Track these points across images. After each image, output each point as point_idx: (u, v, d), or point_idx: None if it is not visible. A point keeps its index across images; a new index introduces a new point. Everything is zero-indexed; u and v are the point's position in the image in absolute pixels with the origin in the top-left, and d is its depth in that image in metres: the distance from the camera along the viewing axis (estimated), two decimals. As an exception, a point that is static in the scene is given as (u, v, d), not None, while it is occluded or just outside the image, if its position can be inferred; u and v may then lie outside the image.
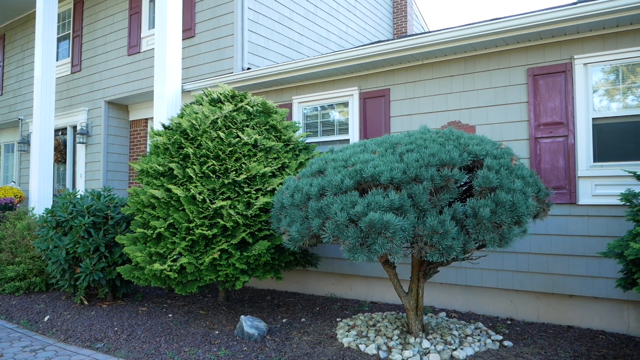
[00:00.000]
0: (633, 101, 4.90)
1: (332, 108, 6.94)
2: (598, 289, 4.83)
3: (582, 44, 5.08)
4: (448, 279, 5.64)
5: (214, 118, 5.25)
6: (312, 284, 6.80)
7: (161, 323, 5.23)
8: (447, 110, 5.85)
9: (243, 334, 4.63)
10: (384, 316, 5.15)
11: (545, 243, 5.12)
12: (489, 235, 3.42)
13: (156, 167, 5.19)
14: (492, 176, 3.51)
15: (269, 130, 5.60)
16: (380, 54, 6.01)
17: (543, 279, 5.12)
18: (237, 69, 7.82)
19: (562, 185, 5.06)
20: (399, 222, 3.28)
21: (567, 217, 5.02)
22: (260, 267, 5.08)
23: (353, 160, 3.87)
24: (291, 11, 9.11)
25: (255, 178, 5.07)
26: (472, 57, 5.73)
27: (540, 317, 5.20)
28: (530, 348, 4.29)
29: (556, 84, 5.17)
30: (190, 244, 4.92)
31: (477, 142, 3.97)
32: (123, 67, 9.63)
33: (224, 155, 5.04)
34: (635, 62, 4.86)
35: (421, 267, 4.34)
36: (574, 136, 5.04)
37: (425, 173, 3.52)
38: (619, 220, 4.73)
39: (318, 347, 4.36)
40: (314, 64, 6.51)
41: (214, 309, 5.83)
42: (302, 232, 3.77)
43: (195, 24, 8.52)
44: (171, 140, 5.30)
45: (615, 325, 4.82)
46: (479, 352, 4.16)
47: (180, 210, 5.01)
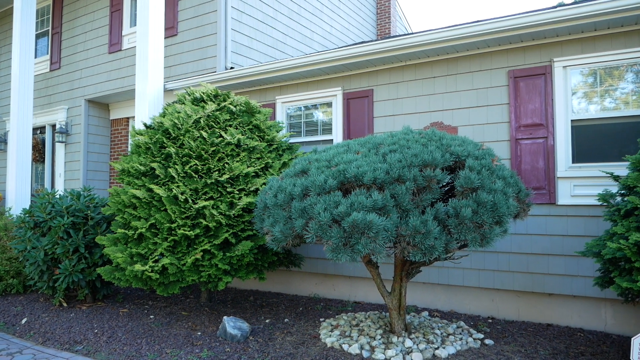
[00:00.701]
0: (610, 103, 5.01)
1: (316, 108, 6.94)
2: (576, 288, 4.93)
3: (561, 47, 5.17)
4: (430, 279, 5.69)
5: (197, 117, 5.20)
6: (295, 284, 6.79)
7: (142, 324, 5.17)
8: (429, 111, 5.90)
9: (226, 334, 4.60)
10: (367, 316, 5.17)
11: (525, 243, 5.20)
12: (471, 235, 3.46)
13: (137, 167, 5.13)
14: (474, 177, 3.54)
15: (252, 130, 5.57)
16: (363, 55, 6.04)
17: (523, 278, 5.20)
18: (220, 68, 7.77)
19: (542, 186, 5.14)
20: (381, 222, 3.29)
21: (547, 217, 5.11)
22: (243, 267, 5.05)
23: (336, 161, 3.87)
24: (275, 11, 9.09)
25: (238, 178, 5.05)
26: (454, 59, 5.79)
27: (520, 316, 5.28)
28: (510, 346, 4.35)
29: (536, 86, 5.25)
30: (172, 245, 4.87)
31: (459, 143, 4.01)
32: (104, 65, 9.49)
33: (206, 155, 5.01)
34: (612, 65, 4.97)
35: (404, 266, 4.37)
36: (554, 137, 5.13)
37: (408, 173, 3.54)
38: (597, 220, 4.83)
39: (301, 347, 4.35)
40: (298, 64, 6.50)
41: (196, 310, 5.79)
42: (285, 232, 3.76)
43: (178, 22, 8.44)
44: (153, 139, 5.24)
45: (593, 323, 4.91)
46: (461, 350, 4.20)
47: (162, 210, 4.96)
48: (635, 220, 3.61)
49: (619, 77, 4.98)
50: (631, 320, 4.72)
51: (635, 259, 3.45)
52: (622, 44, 4.88)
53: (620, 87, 4.98)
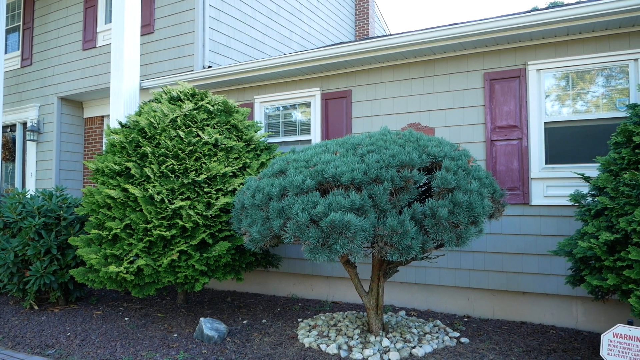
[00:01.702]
0: (582, 106, 5.14)
1: (295, 108, 6.93)
2: (549, 286, 5.04)
3: (535, 51, 5.28)
4: (408, 278, 5.74)
5: (174, 116, 5.14)
6: (273, 284, 6.77)
7: (117, 327, 5.07)
8: (407, 112, 5.95)
9: (202, 336, 4.55)
10: (345, 316, 5.18)
11: (500, 242, 5.29)
12: (447, 235, 3.50)
13: (112, 166, 5.03)
14: (450, 177, 3.59)
15: (230, 129, 5.53)
16: (342, 56, 6.05)
17: (498, 277, 5.29)
18: (197, 67, 7.69)
19: (516, 187, 5.24)
20: (359, 222, 3.31)
21: (521, 217, 5.21)
22: (221, 268, 5.01)
23: (315, 161, 3.87)
24: (254, 10, 9.04)
25: (215, 178, 5.00)
26: (431, 61, 5.86)
27: (495, 314, 5.37)
28: (485, 344, 4.42)
29: (511, 89, 5.35)
30: (148, 245, 4.79)
31: (436, 144, 4.05)
32: (78, 62, 9.28)
33: (183, 154, 4.95)
34: (583, 69, 5.10)
35: (381, 266, 4.39)
36: (528, 139, 5.23)
37: (386, 174, 3.57)
38: (569, 220, 4.94)
39: (279, 348, 4.34)
40: (277, 64, 6.48)
41: (172, 311, 5.71)
42: (263, 232, 3.74)
43: (155, 20, 8.31)
44: (128, 138, 5.15)
45: (565, 320, 5.03)
46: (437, 349, 4.25)
47: (138, 210, 4.88)
48: (605, 220, 3.71)
49: (590, 80, 5.12)
50: (601, 317, 4.85)
51: (605, 257, 3.54)
52: (593, 48, 5.01)
53: (591, 91, 5.11)
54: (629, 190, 3.53)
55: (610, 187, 3.69)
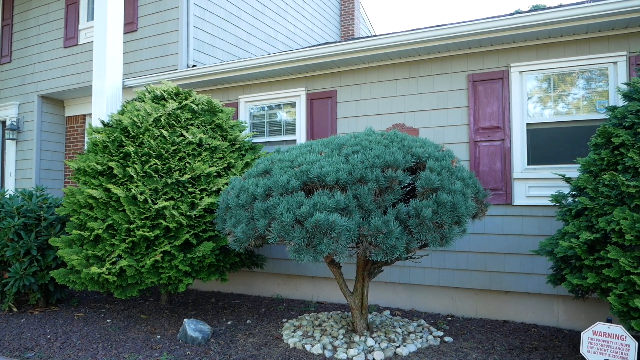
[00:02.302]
0: (563, 108, 5.22)
1: (279, 108, 6.92)
2: (531, 285, 5.11)
3: (518, 53, 5.35)
4: (392, 278, 5.77)
5: (157, 116, 5.08)
6: (258, 285, 6.74)
7: (99, 329, 5.00)
8: (392, 112, 5.98)
9: (186, 337, 4.51)
10: (330, 316, 5.19)
11: (483, 242, 5.35)
12: (431, 235, 3.53)
13: (94, 166, 4.96)
14: (434, 178, 3.61)
15: (215, 129, 5.49)
16: (327, 56, 6.06)
17: (481, 276, 5.35)
18: (182, 66, 7.62)
19: (499, 187, 5.30)
20: (344, 222, 3.31)
21: (504, 217, 5.27)
22: (205, 268, 4.97)
23: (299, 161, 3.87)
24: (239, 9, 9.00)
25: (199, 178, 4.97)
26: (416, 62, 5.89)
27: (478, 313, 5.43)
28: (469, 343, 4.46)
29: (494, 90, 5.41)
30: (131, 246, 4.74)
31: (420, 144, 4.08)
32: (59, 60, 9.12)
33: (167, 154, 4.90)
34: (565, 71, 5.18)
35: (366, 266, 4.41)
36: (510, 140, 5.30)
37: (371, 174, 3.58)
38: (550, 220, 5.02)
39: (264, 348, 4.32)
40: (262, 64, 6.45)
41: (155, 312, 5.65)
42: (248, 232, 3.73)
43: (138, 18, 8.22)
44: (111, 137, 5.08)
45: (547, 319, 5.11)
46: (421, 348, 4.28)
47: (120, 210, 4.82)
48: (585, 220, 3.77)
49: (571, 83, 5.20)
50: (581, 316, 4.93)
51: (585, 256, 3.61)
52: (574, 51, 5.09)
53: (572, 93, 5.20)
54: (608, 191, 3.60)
55: (590, 188, 3.76)
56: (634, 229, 3.29)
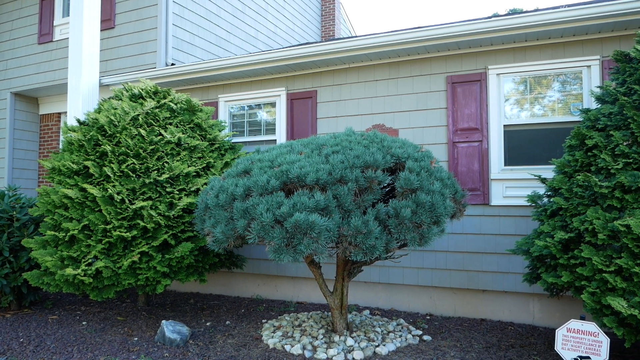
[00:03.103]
0: (539, 110, 5.32)
1: (260, 108, 6.89)
2: (508, 284, 5.19)
3: (495, 56, 5.44)
4: (372, 278, 5.80)
5: (135, 114, 5.01)
6: (237, 285, 6.70)
7: (74, 332, 4.90)
8: (372, 113, 6.01)
9: (164, 339, 4.45)
10: (310, 316, 5.18)
11: (461, 242, 5.42)
12: (410, 235, 3.55)
13: (70, 165, 4.86)
14: (413, 178, 3.64)
15: (194, 128, 5.44)
16: (308, 56, 6.05)
17: (459, 275, 5.41)
18: (160, 64, 7.52)
19: (477, 187, 5.38)
20: (324, 222, 3.31)
21: (481, 217, 5.35)
22: (183, 269, 4.92)
23: (279, 161, 3.86)
24: (219, 8, 8.92)
25: (178, 178, 4.91)
26: (396, 63, 5.94)
27: (456, 312, 5.49)
28: (447, 341, 4.51)
29: (472, 92, 5.48)
30: (108, 247, 4.65)
31: (400, 145, 4.11)
32: (33, 57, 8.91)
33: (145, 153, 4.83)
34: (541, 74, 5.28)
35: (346, 266, 4.42)
36: (488, 141, 5.38)
37: (350, 174, 3.59)
38: (527, 219, 5.11)
39: (243, 349, 4.30)
40: (242, 63, 6.42)
41: (133, 314, 5.56)
42: (227, 233, 3.70)
43: (115, 15, 8.08)
44: (87, 136, 4.99)
45: (523, 317, 5.20)
46: (401, 347, 4.31)
47: (97, 211, 4.73)
48: (560, 219, 3.85)
49: (547, 85, 5.31)
50: (556, 313, 5.04)
51: (559, 255, 3.68)
52: (550, 54, 5.20)
53: (548, 95, 5.30)
54: (582, 191, 3.68)
55: (564, 188, 3.84)
56: (606, 229, 3.37)
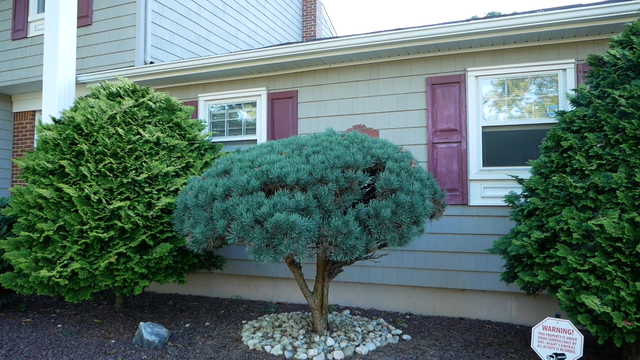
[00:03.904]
0: (516, 112, 5.41)
1: (240, 107, 6.85)
2: (486, 283, 5.27)
3: (474, 58, 5.51)
4: (352, 278, 5.81)
5: (112, 113, 4.92)
6: (217, 286, 6.64)
7: (49, 335, 4.79)
8: (352, 114, 6.03)
9: (142, 341, 4.39)
10: (290, 316, 5.17)
11: (440, 241, 5.47)
12: (390, 235, 3.57)
13: (45, 165, 4.75)
14: (393, 178, 3.67)
15: (173, 128, 5.37)
16: (289, 56, 6.04)
17: (438, 275, 5.47)
18: (139, 62, 7.42)
19: (456, 188, 5.44)
20: (304, 222, 3.31)
21: (460, 217, 5.41)
22: (162, 270, 4.86)
23: (260, 161, 3.84)
24: (199, 6, 8.84)
25: (157, 177, 4.84)
26: (376, 64, 5.97)
27: (436, 311, 5.55)
28: (426, 340, 4.55)
29: (451, 94, 5.55)
30: (84, 248, 4.56)
31: (380, 145, 4.13)
32: (6, 53, 8.68)
33: (122, 153, 4.75)
34: (518, 77, 5.38)
35: (326, 266, 4.42)
36: (467, 142, 5.45)
37: (331, 175, 3.59)
38: (504, 219, 5.19)
39: (223, 350, 4.26)
40: (222, 62, 6.37)
41: (110, 316, 5.47)
42: (207, 233, 3.66)
43: (93, 11, 7.94)
44: (63, 135, 4.89)
45: (500, 315, 5.28)
46: (380, 346, 4.33)
47: (73, 211, 4.63)
48: (536, 219, 3.93)
49: (524, 88, 5.41)
50: (532, 312, 5.13)
51: (536, 255, 3.75)
52: (527, 57, 5.29)
53: (525, 98, 5.40)
54: (558, 192, 3.76)
55: (540, 189, 3.91)
56: (581, 228, 3.45)
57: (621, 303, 3.22)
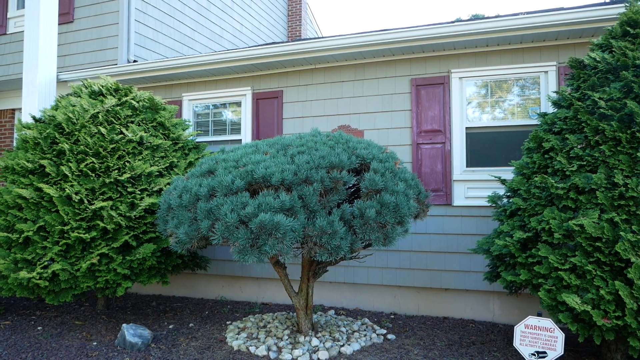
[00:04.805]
0: (499, 113, 5.48)
1: (225, 107, 6.81)
2: (469, 282, 5.32)
3: (458, 60, 5.56)
4: (337, 278, 5.82)
5: (95, 112, 4.86)
6: (201, 287, 6.59)
7: (28, 337, 4.70)
8: (337, 114, 6.04)
9: (125, 343, 4.33)
10: (275, 317, 5.16)
11: (425, 241, 5.51)
12: (375, 235, 3.59)
13: (24, 164, 4.67)
14: (378, 179, 3.68)
15: (157, 127, 5.32)
16: (274, 56, 6.02)
17: (423, 275, 5.51)
18: (122, 61, 7.33)
19: (440, 188, 5.49)
20: (289, 223, 3.30)
21: (444, 217, 5.46)
22: (145, 271, 4.81)
23: (245, 161, 3.82)
24: (183, 4, 8.76)
25: (140, 177, 4.79)
26: (361, 65, 5.99)
27: (420, 311, 5.59)
28: (411, 340, 4.58)
29: (436, 95, 5.59)
30: (65, 249, 4.49)
31: (365, 146, 4.14)
32: (-15, 50, 8.51)
33: (105, 152, 4.69)
34: (501, 78, 5.44)
35: (311, 266, 4.42)
36: (450, 143, 5.50)
37: (316, 175, 3.59)
38: (487, 219, 5.25)
39: (207, 352, 4.23)
40: (207, 61, 6.32)
41: (92, 318, 5.39)
42: (191, 234, 3.63)
43: (75, 9, 7.82)
44: (43, 134, 4.80)
45: (483, 314, 5.34)
46: (365, 346, 4.34)
47: (54, 211, 4.56)
48: (518, 219, 3.98)
49: (507, 90, 5.47)
50: (515, 311, 5.20)
51: (518, 254, 3.80)
52: (510, 60, 5.36)
53: (508, 99, 5.46)
54: (539, 192, 3.81)
55: (523, 189, 3.96)
56: (562, 228, 3.50)
57: (601, 301, 3.28)
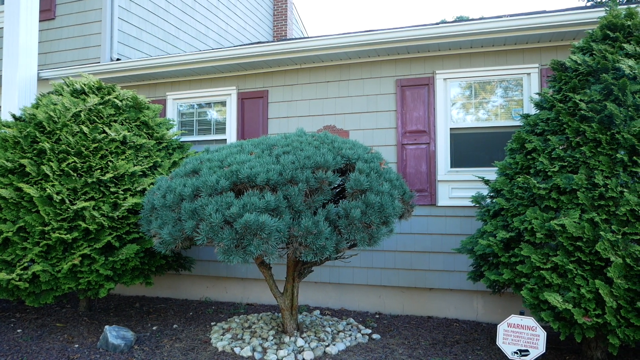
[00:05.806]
0: (483, 115, 5.54)
1: (210, 107, 6.76)
2: (453, 282, 5.36)
3: (442, 61, 5.61)
4: (322, 278, 5.82)
5: (77, 110, 4.78)
6: (185, 288, 6.54)
7: (8, 340, 4.61)
8: (323, 114, 6.04)
9: (107, 345, 4.28)
10: (260, 317, 5.14)
11: (409, 241, 5.54)
12: (360, 235, 3.60)
13: (4, 163, 4.57)
14: (363, 179, 3.69)
15: (140, 126, 5.26)
16: (259, 55, 6.00)
17: (407, 274, 5.54)
18: (105, 59, 7.23)
19: (425, 188, 5.52)
20: (274, 223, 3.30)
21: (429, 217, 5.50)
22: (128, 272, 4.75)
23: (229, 161, 3.80)
24: (167, 2, 8.68)
25: (123, 177, 4.73)
26: (347, 65, 6.00)
27: (405, 310, 5.62)
28: (395, 339, 4.60)
29: (420, 96, 5.63)
30: (46, 250, 4.42)
31: (350, 146, 4.15)
32: (-37, 47, 8.32)
33: (87, 151, 4.62)
34: (485, 80, 5.50)
35: (296, 267, 4.41)
36: (435, 144, 5.54)
37: (301, 175, 3.59)
38: (471, 219, 5.30)
39: (191, 353, 4.20)
40: (191, 60, 6.27)
41: (73, 320, 5.31)
42: (175, 234, 3.60)
43: (56, 6, 7.69)
44: (23, 133, 4.72)
45: (467, 314, 5.39)
46: (350, 346, 4.35)
47: (34, 212, 4.48)
48: (502, 219, 4.02)
49: (491, 91, 5.54)
50: (498, 310, 5.25)
51: (501, 254, 3.84)
52: (493, 61, 5.42)
53: (491, 101, 5.53)
54: (522, 193, 3.86)
55: (506, 190, 4.01)
56: (544, 228, 3.55)
57: (581, 300, 3.34)
